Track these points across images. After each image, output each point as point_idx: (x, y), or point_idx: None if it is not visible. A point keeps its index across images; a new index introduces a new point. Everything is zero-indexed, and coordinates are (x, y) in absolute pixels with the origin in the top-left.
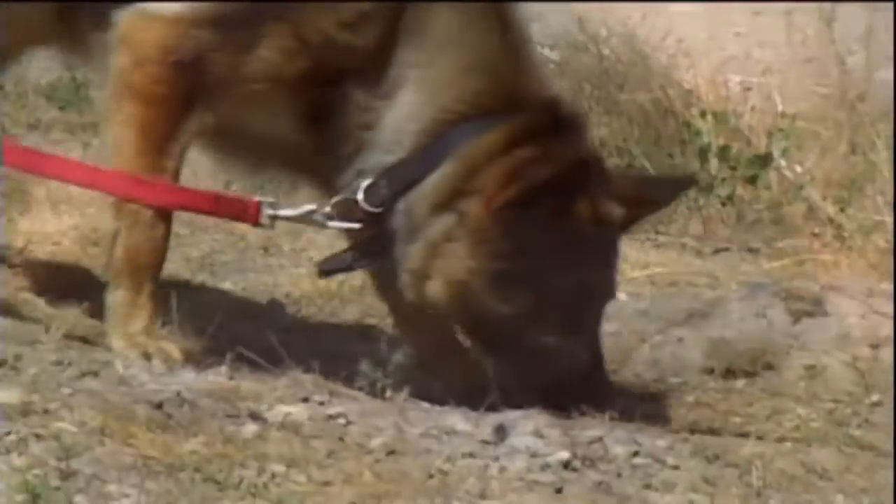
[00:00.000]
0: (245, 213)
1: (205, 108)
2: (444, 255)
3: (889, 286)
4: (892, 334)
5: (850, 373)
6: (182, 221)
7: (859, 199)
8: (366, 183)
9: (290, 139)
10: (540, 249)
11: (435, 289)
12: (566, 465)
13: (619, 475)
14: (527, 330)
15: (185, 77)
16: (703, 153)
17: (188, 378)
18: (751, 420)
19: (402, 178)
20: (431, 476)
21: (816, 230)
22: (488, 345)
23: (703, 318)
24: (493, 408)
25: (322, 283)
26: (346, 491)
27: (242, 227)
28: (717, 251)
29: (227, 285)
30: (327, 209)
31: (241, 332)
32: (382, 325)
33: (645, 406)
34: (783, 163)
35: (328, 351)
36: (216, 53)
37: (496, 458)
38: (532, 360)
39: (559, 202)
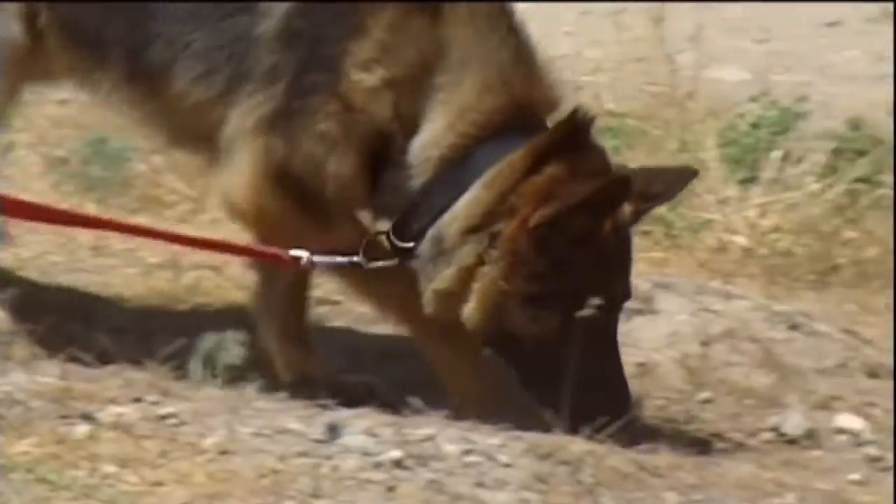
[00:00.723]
0: (284, 263)
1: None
2: (478, 278)
3: (718, 284)
4: (721, 331)
5: (680, 370)
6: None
7: (689, 198)
8: (394, 220)
9: (363, 196)
10: (573, 268)
11: (469, 310)
12: (398, 463)
13: (451, 473)
14: (555, 346)
15: (295, 195)
16: None
17: (20, 379)
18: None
19: (429, 209)
20: (264, 475)
21: (647, 228)
22: (513, 360)
23: None
24: (325, 407)
25: (154, 282)
26: (178, 491)
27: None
28: None
29: (58, 285)
30: (362, 253)
31: (72, 332)
32: (214, 323)
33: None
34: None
35: (161, 351)
36: (295, 155)
37: (328, 458)
38: (557, 373)
39: (594, 218)
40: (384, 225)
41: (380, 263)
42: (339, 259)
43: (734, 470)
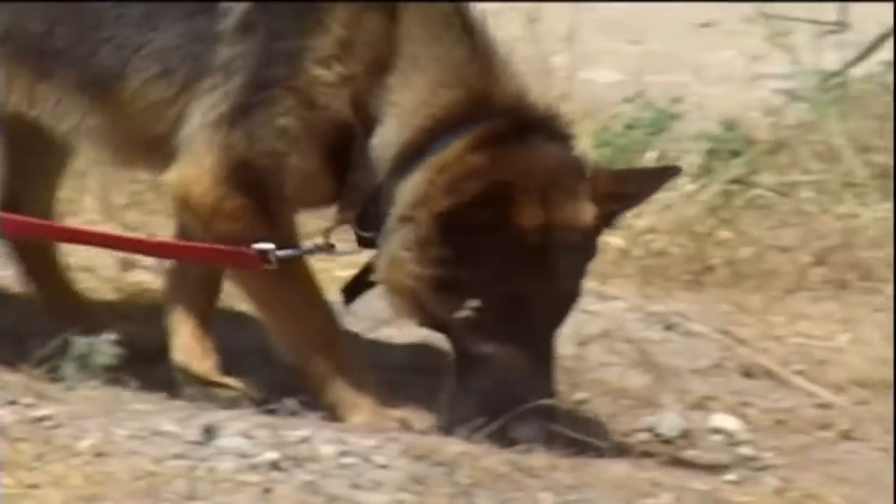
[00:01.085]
0: (248, 260)
1: (279, 193)
2: (398, 265)
3: (594, 285)
4: (597, 332)
5: (556, 371)
6: None
7: None
8: (357, 209)
9: (326, 191)
10: (481, 258)
11: (392, 298)
12: (274, 465)
13: (327, 475)
14: (476, 338)
15: (249, 191)
16: None
17: None
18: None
19: (385, 200)
20: (139, 478)
21: None
22: (456, 352)
23: None
24: (201, 409)
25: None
26: (53, 494)
27: None
28: None
29: None
30: (324, 242)
31: None
32: (89, 325)
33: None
34: None
35: (35, 353)
36: (252, 150)
37: (204, 460)
38: (482, 368)
39: (496, 212)
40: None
41: (343, 252)
42: (305, 249)
43: (610, 470)
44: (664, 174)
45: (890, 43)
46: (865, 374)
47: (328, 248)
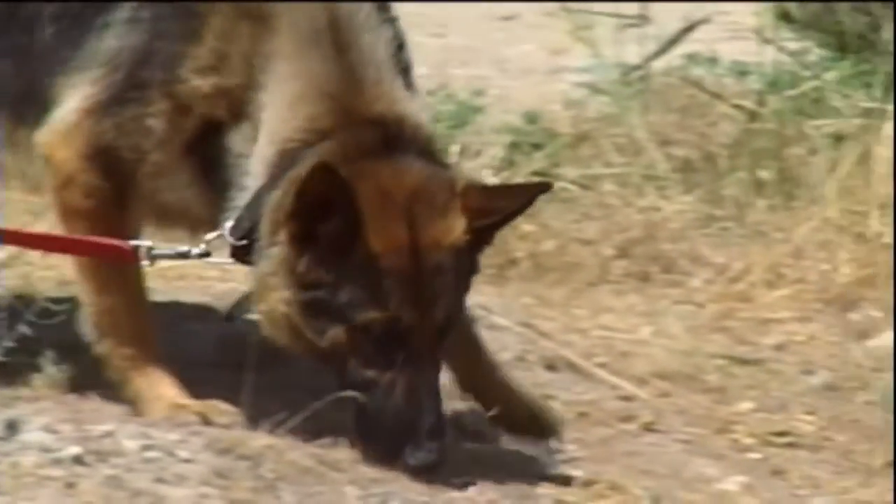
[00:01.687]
0: (124, 256)
1: (133, 189)
2: (267, 288)
3: None
4: None
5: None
6: None
7: None
8: (232, 219)
9: (193, 198)
10: (342, 280)
11: (266, 325)
12: (78, 459)
13: (130, 469)
14: (347, 364)
15: (107, 175)
16: None
17: None
18: (263, 413)
19: (256, 209)
20: None
21: None
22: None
23: (213, 311)
24: (3, 403)
25: None
26: None
27: None
28: None
29: None
30: (202, 248)
31: None
32: None
33: None
34: None
35: None
36: (119, 141)
37: (7, 454)
38: (359, 394)
39: (345, 230)
40: None
41: (216, 260)
42: (179, 250)
43: None
44: (535, 189)
45: (688, 36)
46: (667, 366)
47: (203, 255)
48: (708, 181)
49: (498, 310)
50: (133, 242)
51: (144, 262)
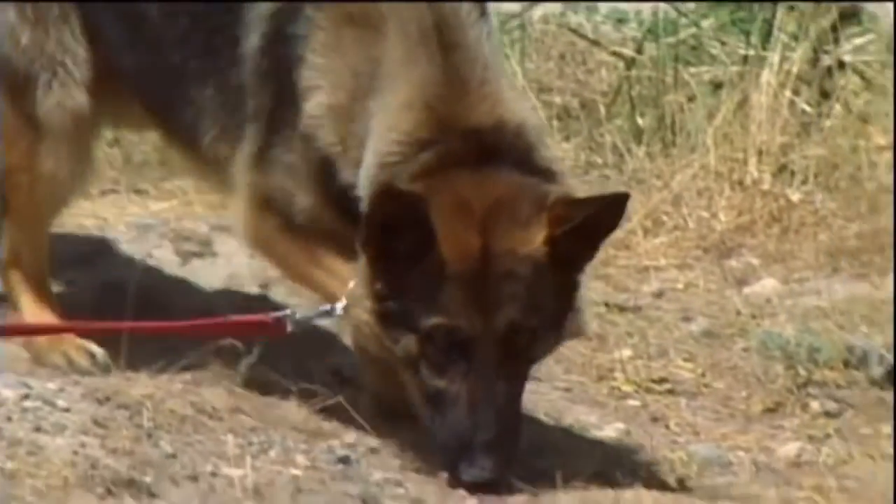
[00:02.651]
0: (268, 328)
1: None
2: (355, 299)
3: None
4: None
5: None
6: None
7: None
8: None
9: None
10: (409, 288)
11: (354, 335)
12: None
13: (9, 419)
14: (420, 371)
15: (278, 217)
16: None
17: None
18: (143, 362)
19: None
20: None
21: None
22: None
23: (93, 260)
24: None
25: None
26: None
27: None
28: (104, 192)
29: None
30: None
31: None
32: None
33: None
34: None
35: None
36: (275, 190)
37: None
38: (434, 403)
39: (417, 240)
40: None
41: (353, 312)
42: (322, 310)
43: (292, 413)
44: (619, 199)
45: None
46: None
47: (342, 313)
48: (587, 128)
49: None
50: (275, 315)
51: (290, 329)
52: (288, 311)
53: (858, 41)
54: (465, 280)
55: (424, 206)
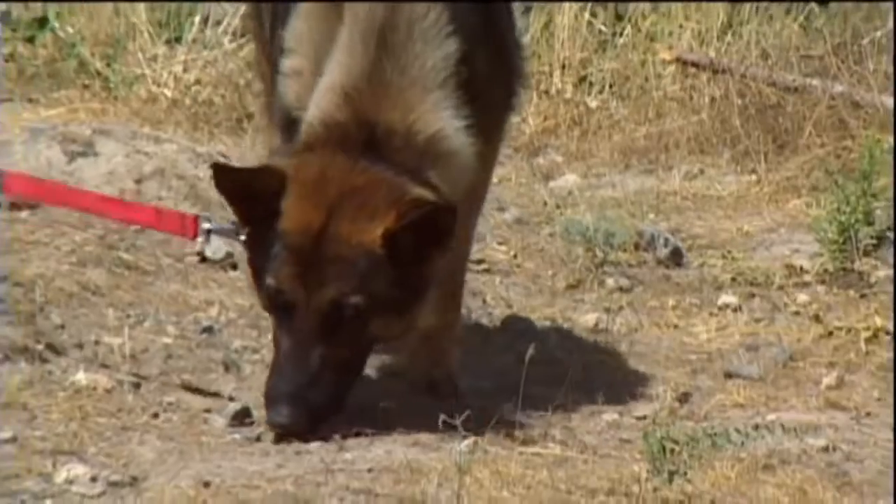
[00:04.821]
0: (184, 227)
1: None
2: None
3: (149, 130)
4: (153, 170)
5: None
6: None
7: (122, 55)
8: None
9: None
10: (261, 250)
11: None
12: None
13: None
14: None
15: None
16: None
17: None
18: (34, 244)
19: None
20: None
21: (87, 82)
22: None
23: None
24: None
25: None
26: None
27: None
28: (1, 101)
29: None
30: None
31: None
32: None
33: None
34: (57, 24)
35: None
36: None
37: None
38: None
39: (266, 210)
40: None
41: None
42: (231, 228)
43: (165, 288)
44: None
45: None
46: None
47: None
48: None
49: (236, 157)
50: (194, 215)
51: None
52: (206, 215)
53: None
54: (298, 252)
55: (283, 181)
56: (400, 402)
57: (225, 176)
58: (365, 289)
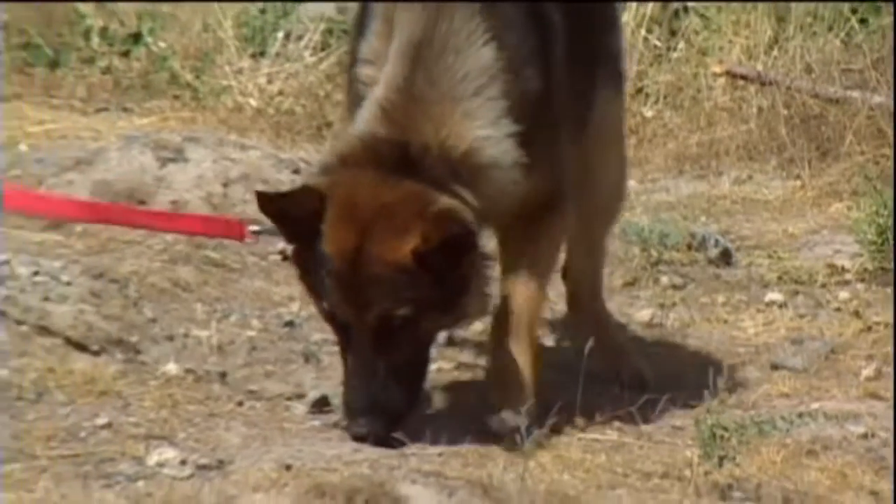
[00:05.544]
0: (232, 230)
1: None
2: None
3: (235, 137)
4: (238, 175)
5: (205, 206)
6: None
7: (211, 68)
8: None
9: None
10: (312, 271)
11: None
12: None
13: (22, 290)
14: None
15: None
16: (87, 33)
17: None
18: (129, 244)
19: None
20: None
21: (176, 93)
22: None
23: (89, 164)
24: None
25: None
26: None
27: None
28: (98, 110)
29: None
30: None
31: None
32: None
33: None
34: (150, 39)
35: None
36: None
37: None
38: None
39: (309, 231)
40: None
41: None
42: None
43: (250, 285)
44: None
45: None
46: None
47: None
48: None
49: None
50: (239, 219)
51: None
52: (253, 224)
53: None
54: (340, 276)
55: (322, 201)
56: (470, 393)
57: (267, 202)
58: (407, 300)
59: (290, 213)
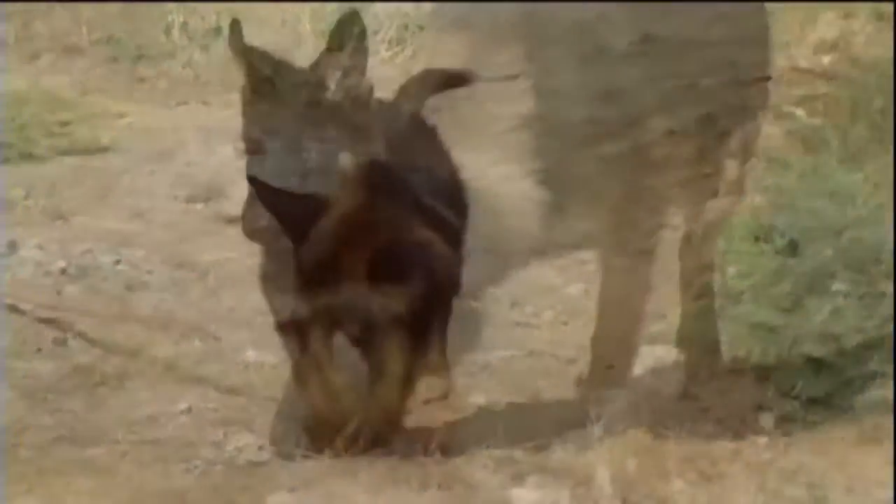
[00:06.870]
0: None
1: None
2: None
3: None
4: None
5: None
6: None
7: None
8: None
9: None
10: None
11: None
12: (63, 271)
13: (105, 279)
14: None
15: None
16: (168, 28)
17: None
18: (207, 234)
19: None
20: None
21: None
22: None
23: (170, 156)
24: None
25: None
26: None
27: None
28: (179, 104)
29: None
30: None
31: None
32: None
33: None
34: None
35: None
36: None
37: (8, 267)
38: None
39: None
40: None
41: None
42: None
43: None
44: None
45: None
46: None
47: None
48: None
49: None
50: None
51: None
52: None
53: None
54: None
55: (321, 211)
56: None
57: (265, 193)
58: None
59: (288, 212)
